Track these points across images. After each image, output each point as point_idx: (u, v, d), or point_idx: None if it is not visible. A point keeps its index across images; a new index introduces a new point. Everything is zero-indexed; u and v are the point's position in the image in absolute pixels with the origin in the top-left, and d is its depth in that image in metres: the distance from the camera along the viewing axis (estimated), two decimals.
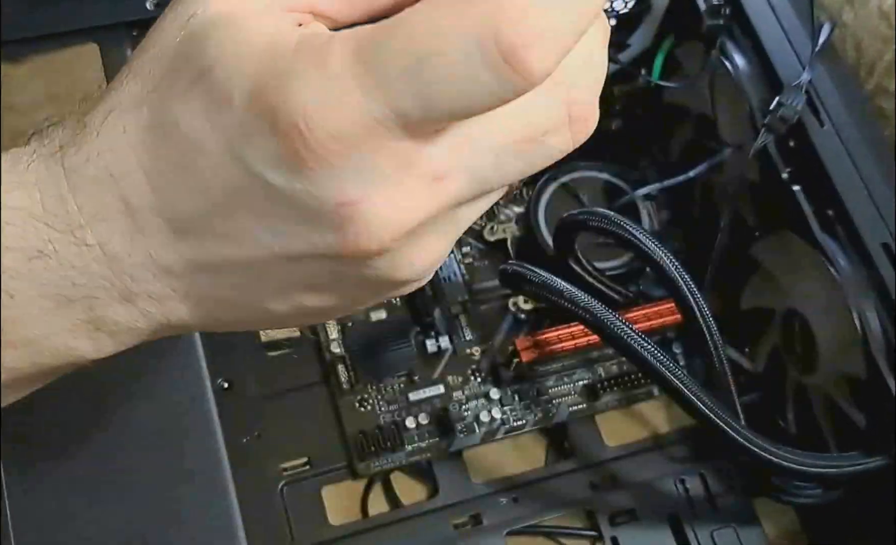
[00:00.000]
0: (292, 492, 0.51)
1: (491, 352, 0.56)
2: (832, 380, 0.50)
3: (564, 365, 0.56)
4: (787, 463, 0.46)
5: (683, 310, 0.47)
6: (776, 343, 0.54)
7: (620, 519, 0.53)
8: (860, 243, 0.48)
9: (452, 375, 0.55)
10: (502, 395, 0.55)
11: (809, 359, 0.51)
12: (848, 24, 0.57)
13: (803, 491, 0.50)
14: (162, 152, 0.26)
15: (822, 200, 0.49)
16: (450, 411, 0.54)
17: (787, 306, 0.52)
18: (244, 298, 0.28)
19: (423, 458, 0.53)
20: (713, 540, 0.52)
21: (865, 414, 0.48)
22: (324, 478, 0.52)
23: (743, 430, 0.46)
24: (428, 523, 0.51)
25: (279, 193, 0.25)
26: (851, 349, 0.48)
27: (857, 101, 0.52)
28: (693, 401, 0.45)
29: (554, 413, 0.55)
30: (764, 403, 0.55)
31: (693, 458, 0.55)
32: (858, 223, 0.48)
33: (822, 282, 0.49)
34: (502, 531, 0.52)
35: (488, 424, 0.54)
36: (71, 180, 0.26)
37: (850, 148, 0.50)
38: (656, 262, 0.46)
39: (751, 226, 0.54)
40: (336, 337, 0.54)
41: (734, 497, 0.54)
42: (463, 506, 0.52)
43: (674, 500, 0.54)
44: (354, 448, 0.52)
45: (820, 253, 0.49)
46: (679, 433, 0.56)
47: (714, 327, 0.47)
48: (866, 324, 0.47)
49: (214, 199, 0.26)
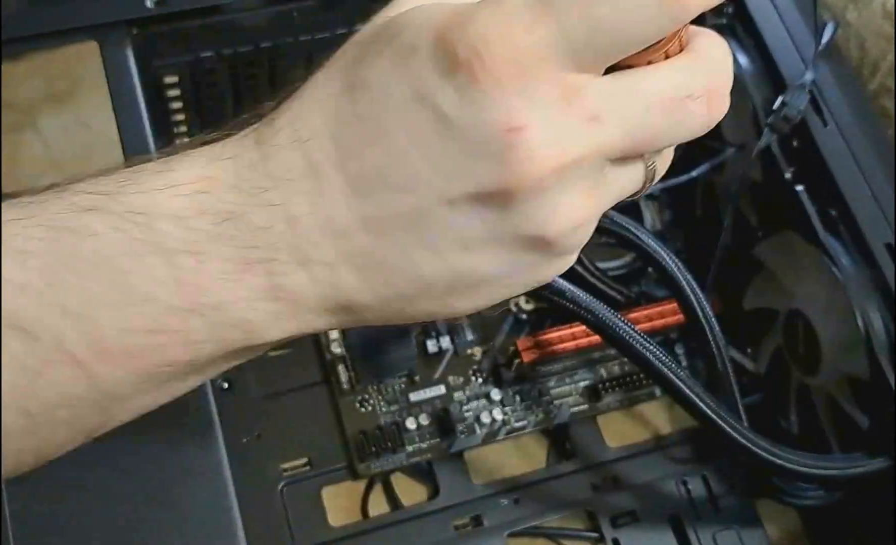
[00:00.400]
0: (292, 493, 0.51)
1: (492, 353, 0.56)
2: (835, 381, 0.50)
3: (566, 365, 0.56)
4: (789, 464, 0.46)
5: (685, 311, 0.47)
6: (779, 343, 0.54)
7: (622, 520, 0.53)
8: (863, 243, 0.48)
9: (453, 376, 0.55)
10: (503, 396, 0.55)
11: (812, 360, 0.51)
12: (851, 24, 0.57)
13: (805, 492, 0.50)
14: (349, 112, 0.29)
15: (826, 200, 0.49)
16: (451, 412, 0.53)
17: (790, 307, 0.52)
18: (402, 260, 0.29)
19: (424, 459, 0.53)
20: (715, 541, 0.52)
21: (868, 415, 0.48)
22: (324, 478, 0.52)
23: (745, 431, 0.45)
24: (428, 524, 0.51)
25: (454, 127, 0.27)
26: (854, 350, 0.48)
27: (861, 101, 0.52)
28: (695, 402, 0.45)
29: (555, 414, 0.55)
30: (766, 404, 0.55)
31: (695, 459, 0.55)
32: (861, 223, 0.48)
33: (825, 283, 0.49)
34: (503, 532, 0.52)
35: (489, 425, 0.53)
36: (261, 150, 0.29)
37: (853, 148, 0.50)
38: (658, 262, 0.46)
39: (753, 226, 0.54)
40: (337, 337, 0.54)
41: (736, 498, 0.54)
42: (464, 508, 0.52)
43: (676, 502, 0.53)
44: (355, 448, 0.52)
45: (823, 253, 0.49)
46: (681, 434, 0.56)
47: (716, 328, 0.47)
48: (869, 324, 0.47)
49: (394, 146, 0.28)
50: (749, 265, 0.54)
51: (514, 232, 0.29)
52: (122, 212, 0.28)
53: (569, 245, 0.30)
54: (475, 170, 0.28)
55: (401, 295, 0.30)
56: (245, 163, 0.29)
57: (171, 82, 0.54)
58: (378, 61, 0.29)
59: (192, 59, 0.53)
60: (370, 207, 0.29)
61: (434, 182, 0.28)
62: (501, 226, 0.28)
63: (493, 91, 0.27)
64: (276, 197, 0.28)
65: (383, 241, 0.29)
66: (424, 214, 0.28)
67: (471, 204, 0.28)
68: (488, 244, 0.29)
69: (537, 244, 0.29)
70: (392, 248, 0.29)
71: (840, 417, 0.50)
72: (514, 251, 0.29)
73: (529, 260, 0.30)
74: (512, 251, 0.29)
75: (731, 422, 0.45)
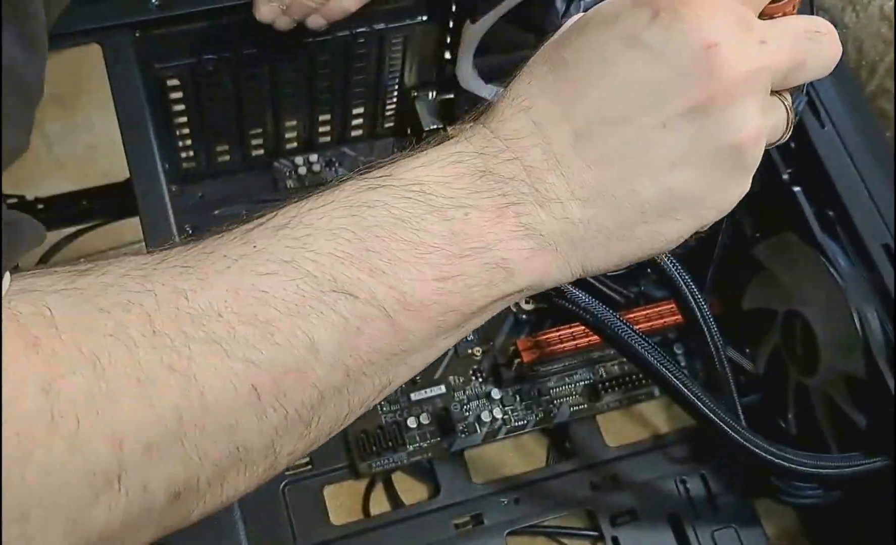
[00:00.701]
0: (294, 492, 0.51)
1: (492, 353, 0.56)
2: (833, 381, 0.50)
3: (565, 365, 0.56)
4: (787, 463, 0.46)
5: (684, 311, 0.47)
6: (777, 344, 0.54)
7: (621, 519, 0.53)
8: (861, 244, 0.48)
9: (454, 375, 0.55)
10: (503, 396, 0.55)
11: (810, 360, 0.51)
12: (849, 26, 0.57)
13: (804, 491, 0.50)
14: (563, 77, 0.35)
15: (823, 201, 0.49)
16: (451, 411, 0.54)
17: (788, 307, 0.52)
18: (623, 187, 0.34)
19: (425, 458, 0.53)
20: (714, 540, 0.53)
21: (865, 414, 0.48)
22: (325, 477, 0.52)
23: (743, 431, 0.46)
24: (429, 523, 0.52)
25: (663, 56, 0.34)
26: (852, 350, 0.48)
27: (859, 103, 0.52)
28: (693, 402, 0.45)
29: (555, 413, 0.55)
30: (765, 404, 0.55)
31: (694, 459, 0.55)
32: (859, 224, 0.48)
33: (823, 284, 0.49)
34: (503, 531, 0.52)
35: (489, 424, 0.54)
36: (490, 126, 0.35)
37: (850, 149, 0.50)
38: (657, 263, 0.46)
39: (752, 227, 0.54)
40: None
41: (735, 497, 0.54)
42: (464, 506, 0.52)
43: (675, 501, 0.54)
44: (356, 448, 0.52)
45: (820, 254, 0.49)
46: (680, 433, 0.56)
47: (715, 328, 0.47)
48: (867, 324, 0.47)
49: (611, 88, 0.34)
50: (747, 266, 0.54)
51: (712, 142, 0.34)
52: (401, 185, 0.34)
53: (750, 159, 0.35)
54: (685, 86, 0.34)
55: (622, 223, 0.35)
56: (480, 137, 0.35)
57: (174, 84, 0.54)
58: (582, 37, 0.35)
59: (193, 61, 0.54)
60: (593, 145, 0.34)
61: (651, 107, 0.34)
62: (703, 137, 0.34)
63: (693, 22, 0.34)
64: (512, 154, 0.34)
65: (606, 172, 0.34)
66: (642, 140, 0.34)
67: (680, 121, 0.34)
68: (691, 158, 0.34)
69: (729, 154, 0.35)
70: (614, 178, 0.34)
71: (838, 417, 0.50)
72: (711, 163, 0.35)
73: (722, 174, 0.35)
74: (710, 163, 0.35)
75: (730, 422, 0.45)
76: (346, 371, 0.32)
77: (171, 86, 0.54)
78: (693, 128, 0.34)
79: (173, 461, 0.29)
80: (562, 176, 0.34)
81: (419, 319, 0.33)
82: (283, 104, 0.58)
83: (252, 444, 0.31)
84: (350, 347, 0.32)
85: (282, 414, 0.31)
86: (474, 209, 0.34)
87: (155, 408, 0.29)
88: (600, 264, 0.36)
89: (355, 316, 0.32)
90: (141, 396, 0.28)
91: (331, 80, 0.58)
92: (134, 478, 0.29)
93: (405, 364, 0.34)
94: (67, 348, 0.28)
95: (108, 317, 0.29)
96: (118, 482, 0.28)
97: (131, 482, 0.29)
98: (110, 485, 0.28)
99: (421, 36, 0.58)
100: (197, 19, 0.52)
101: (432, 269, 0.33)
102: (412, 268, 0.32)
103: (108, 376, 0.28)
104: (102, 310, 0.29)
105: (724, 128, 0.34)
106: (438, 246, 0.33)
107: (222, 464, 0.31)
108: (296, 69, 0.56)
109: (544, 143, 0.35)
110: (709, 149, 0.34)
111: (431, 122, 0.60)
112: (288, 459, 0.33)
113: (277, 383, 0.31)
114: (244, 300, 0.30)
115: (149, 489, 0.29)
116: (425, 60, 0.59)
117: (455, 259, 0.33)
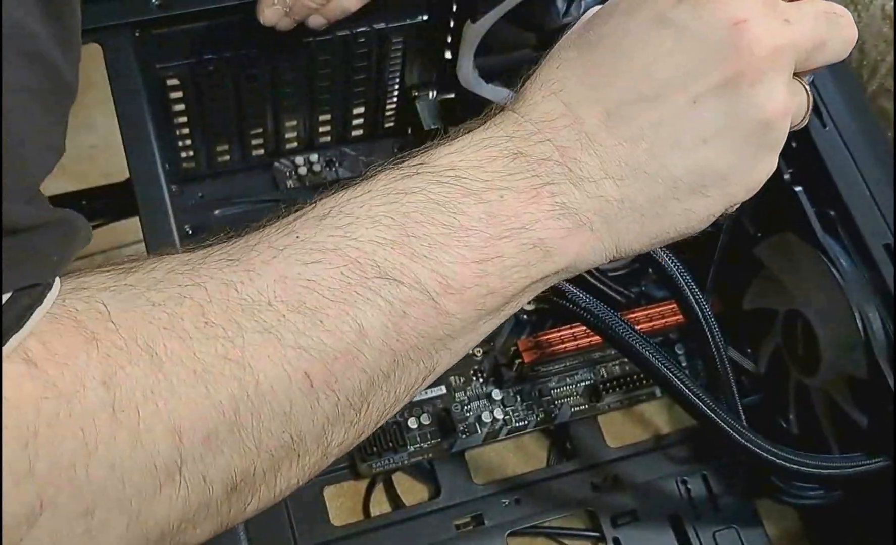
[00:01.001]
0: (294, 493, 0.51)
1: (493, 353, 0.56)
2: (834, 381, 0.50)
3: (566, 366, 0.56)
4: (788, 463, 0.46)
5: (685, 311, 0.47)
6: (778, 344, 0.54)
7: (622, 520, 0.53)
8: (862, 244, 0.48)
9: (454, 376, 0.55)
10: (504, 396, 0.55)
11: (811, 360, 0.51)
12: None
13: (805, 492, 0.50)
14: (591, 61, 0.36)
15: (824, 201, 0.49)
16: (452, 412, 0.54)
17: (789, 307, 0.52)
18: (655, 164, 0.35)
19: (425, 459, 0.53)
20: (715, 540, 0.53)
21: (867, 414, 0.48)
22: (326, 478, 0.52)
23: (744, 431, 0.46)
24: (430, 524, 0.52)
25: (692, 34, 0.35)
26: (853, 350, 0.48)
27: (860, 103, 0.52)
28: (694, 402, 0.45)
29: (556, 414, 0.55)
30: (766, 404, 0.55)
31: (695, 459, 0.55)
32: (860, 224, 0.48)
33: (824, 283, 0.49)
34: (504, 532, 0.52)
35: (490, 425, 0.54)
36: (521, 111, 0.35)
37: (852, 149, 0.50)
38: (658, 263, 0.46)
39: (753, 227, 0.54)
40: None
41: (736, 498, 0.54)
42: (465, 507, 0.52)
43: (676, 501, 0.54)
44: (357, 448, 0.52)
45: (822, 254, 0.49)
46: (681, 434, 0.56)
47: (716, 328, 0.47)
48: (868, 324, 0.47)
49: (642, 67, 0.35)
50: (748, 266, 0.54)
51: (741, 118, 0.35)
52: (436, 172, 0.34)
53: (778, 135, 0.36)
54: (715, 62, 0.34)
55: (655, 200, 0.35)
56: (511, 121, 0.35)
57: (174, 84, 0.54)
58: (610, 20, 0.36)
59: (194, 61, 0.53)
60: (624, 124, 0.35)
61: (681, 84, 0.35)
62: (733, 113, 0.35)
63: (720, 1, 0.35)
64: (544, 136, 0.35)
65: (638, 150, 0.35)
66: (672, 116, 0.35)
67: (710, 97, 0.35)
68: (722, 134, 0.35)
69: (758, 130, 0.35)
70: (646, 155, 0.35)
71: (839, 417, 0.50)
72: (741, 139, 0.35)
73: (752, 151, 0.35)
74: (740, 139, 0.35)
75: (730, 422, 0.45)
76: (394, 355, 0.33)
77: (171, 86, 0.54)
78: (723, 103, 0.35)
79: (230, 451, 0.30)
80: (594, 155, 0.35)
81: (461, 302, 0.33)
82: (284, 104, 0.58)
83: (305, 433, 0.31)
84: (396, 331, 0.32)
85: (333, 400, 0.31)
86: (509, 191, 0.34)
87: (212, 398, 0.29)
88: (634, 244, 0.36)
89: (400, 300, 0.32)
90: (198, 387, 0.29)
91: (331, 79, 0.58)
92: (194, 470, 0.29)
93: (448, 349, 0.34)
94: (125, 342, 0.28)
95: (161, 310, 0.29)
96: (179, 474, 0.29)
97: (191, 474, 0.29)
98: (171, 477, 0.29)
99: (421, 36, 0.58)
100: (197, 19, 0.52)
101: (472, 252, 0.33)
102: (452, 251, 0.33)
103: (166, 368, 0.29)
104: (155, 304, 0.30)
105: (753, 103, 0.35)
106: (477, 228, 0.33)
107: (277, 454, 0.31)
108: (296, 69, 0.56)
109: (576, 123, 0.35)
110: (738, 124, 0.35)
111: (432, 122, 0.59)
112: (338, 450, 0.33)
113: (328, 368, 0.31)
114: (292, 289, 0.31)
115: (208, 480, 0.30)
116: (425, 60, 0.59)
117: (493, 241, 0.33)
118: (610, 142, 0.35)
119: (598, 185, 0.35)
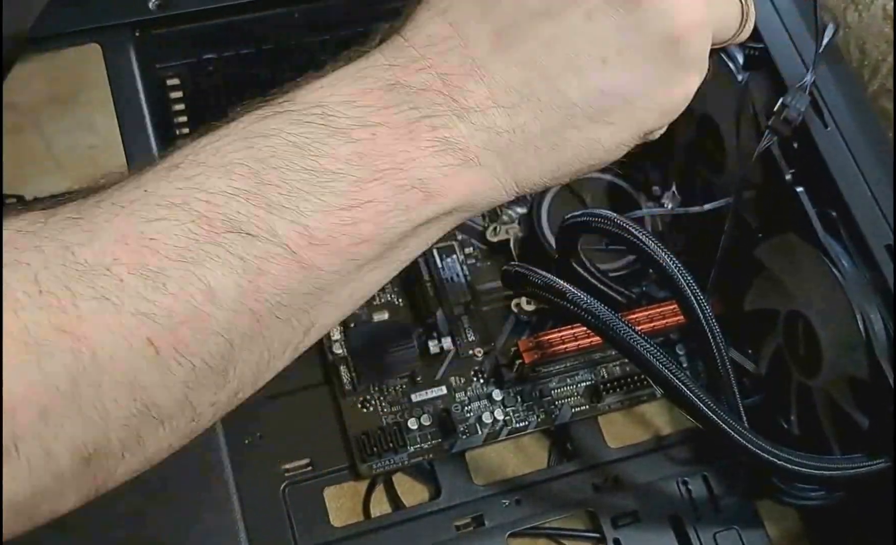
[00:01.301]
0: (294, 494, 0.51)
1: (493, 354, 0.56)
2: (835, 382, 0.50)
3: (567, 366, 0.56)
4: (789, 464, 0.46)
5: (686, 312, 0.47)
6: (779, 345, 0.54)
7: (623, 520, 0.53)
8: (863, 245, 0.48)
9: (455, 376, 0.55)
10: (505, 397, 0.55)
11: (812, 361, 0.51)
12: (852, 26, 0.57)
13: (806, 493, 0.50)
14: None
15: (826, 202, 0.49)
16: (452, 412, 0.54)
17: (791, 308, 0.52)
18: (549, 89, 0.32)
19: (426, 459, 0.53)
20: (716, 541, 0.52)
21: (868, 416, 0.48)
22: (326, 479, 0.52)
23: (745, 432, 0.46)
24: (430, 524, 0.51)
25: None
26: (855, 351, 0.48)
27: (861, 103, 0.52)
28: (695, 403, 0.45)
29: (556, 414, 0.55)
30: (767, 405, 0.55)
31: (696, 460, 0.55)
32: (862, 225, 0.48)
33: (826, 284, 0.49)
34: (504, 532, 0.52)
35: (491, 425, 0.54)
36: (404, 34, 0.32)
37: (853, 149, 0.50)
38: (659, 264, 0.46)
39: (754, 227, 0.54)
40: (338, 338, 0.54)
41: (737, 499, 0.54)
42: (465, 508, 0.52)
43: (676, 502, 0.54)
44: (356, 449, 0.52)
45: (823, 254, 0.49)
46: (682, 434, 0.56)
47: (717, 329, 0.47)
48: (869, 325, 0.47)
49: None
50: (749, 266, 0.54)
51: (644, 33, 0.32)
52: (301, 109, 0.31)
53: (692, 53, 0.32)
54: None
55: (551, 129, 0.32)
56: (394, 47, 0.33)
57: (174, 84, 0.54)
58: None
59: (193, 61, 0.53)
60: (516, 44, 0.32)
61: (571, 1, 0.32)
62: (634, 28, 0.32)
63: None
64: (426, 62, 0.32)
65: (530, 73, 0.32)
66: (566, 34, 0.32)
67: (606, 10, 0.31)
68: (623, 52, 0.32)
69: (665, 46, 0.32)
70: (538, 78, 0.32)
71: (840, 418, 0.50)
72: (645, 58, 0.32)
73: (660, 71, 0.32)
74: (643, 58, 0.32)
75: (731, 423, 0.45)
76: (253, 315, 0.30)
77: (171, 86, 0.54)
78: (621, 18, 0.32)
79: (73, 424, 0.28)
80: (481, 81, 0.32)
81: (329, 253, 0.31)
82: None
83: (161, 400, 0.29)
84: (253, 290, 0.30)
85: (188, 366, 0.29)
86: (383, 127, 0.31)
87: (45, 372, 0.27)
88: (535, 178, 0.33)
89: (255, 256, 0.30)
90: (29, 361, 0.27)
91: None
92: (34, 445, 0.27)
93: (326, 303, 0.31)
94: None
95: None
96: (16, 450, 0.27)
97: (30, 448, 0.27)
98: (9, 453, 0.27)
99: None
100: (197, 19, 0.52)
101: (337, 198, 0.30)
102: (314, 198, 0.30)
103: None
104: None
105: (659, 14, 0.32)
106: (343, 172, 0.30)
107: (132, 423, 0.29)
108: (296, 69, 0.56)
109: (462, 46, 0.32)
110: (641, 41, 0.32)
111: None
112: (212, 410, 0.31)
113: (175, 334, 0.29)
114: (133, 249, 0.29)
115: (53, 454, 0.28)
116: None
117: (363, 184, 0.31)
118: (498, 65, 0.32)
119: (485, 115, 0.32)
